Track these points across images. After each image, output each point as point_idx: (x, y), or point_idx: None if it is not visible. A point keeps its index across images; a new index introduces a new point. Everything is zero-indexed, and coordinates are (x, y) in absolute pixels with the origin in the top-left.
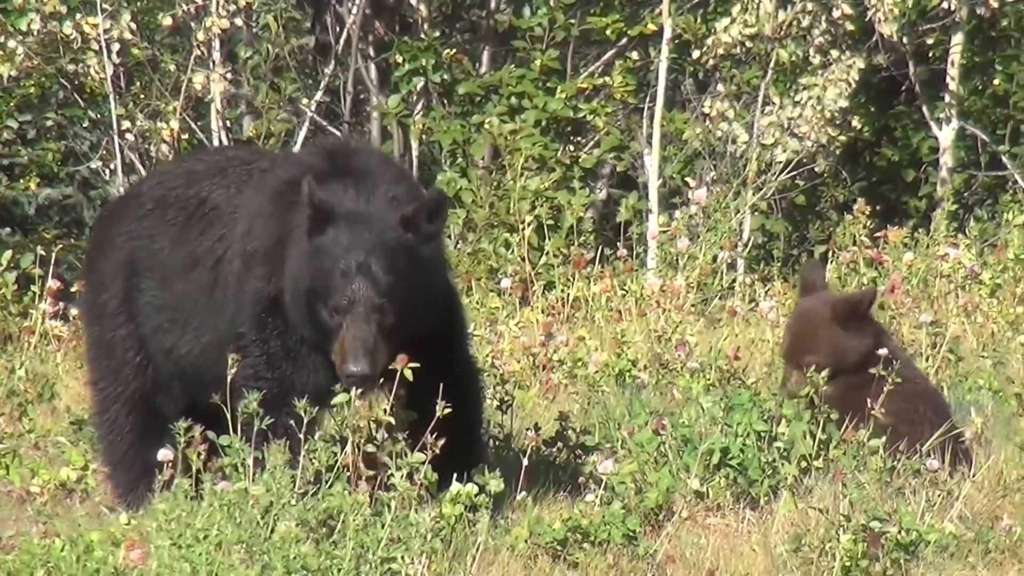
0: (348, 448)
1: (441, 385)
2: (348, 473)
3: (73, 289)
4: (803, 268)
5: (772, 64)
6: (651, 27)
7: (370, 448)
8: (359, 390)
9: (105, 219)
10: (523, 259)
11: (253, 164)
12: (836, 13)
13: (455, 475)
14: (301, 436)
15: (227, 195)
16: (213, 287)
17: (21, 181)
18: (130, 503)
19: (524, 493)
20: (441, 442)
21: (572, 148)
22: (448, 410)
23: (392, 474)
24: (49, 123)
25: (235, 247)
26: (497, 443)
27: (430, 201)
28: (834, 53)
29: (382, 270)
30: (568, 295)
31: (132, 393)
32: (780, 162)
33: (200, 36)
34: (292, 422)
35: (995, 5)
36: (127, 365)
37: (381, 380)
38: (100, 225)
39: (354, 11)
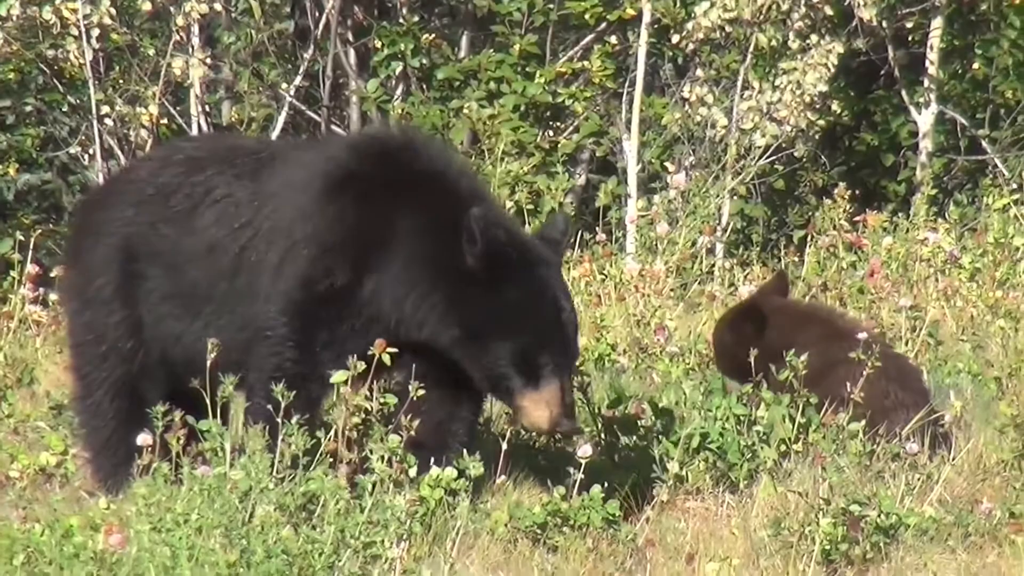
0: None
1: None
2: (328, 458)
3: (53, 274)
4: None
5: (751, 48)
6: (630, 12)
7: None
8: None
9: (94, 204)
10: None
11: (262, 153)
12: None
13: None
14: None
15: (241, 184)
16: (235, 274)
17: (0, 167)
18: (111, 488)
19: (504, 477)
20: (416, 423)
21: (551, 133)
22: (422, 392)
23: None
24: (28, 108)
25: (266, 236)
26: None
27: (567, 227)
28: (813, 37)
29: (578, 324)
30: None
31: (117, 379)
32: (759, 147)
33: (179, 21)
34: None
35: None
36: (116, 351)
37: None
38: (88, 210)
39: None
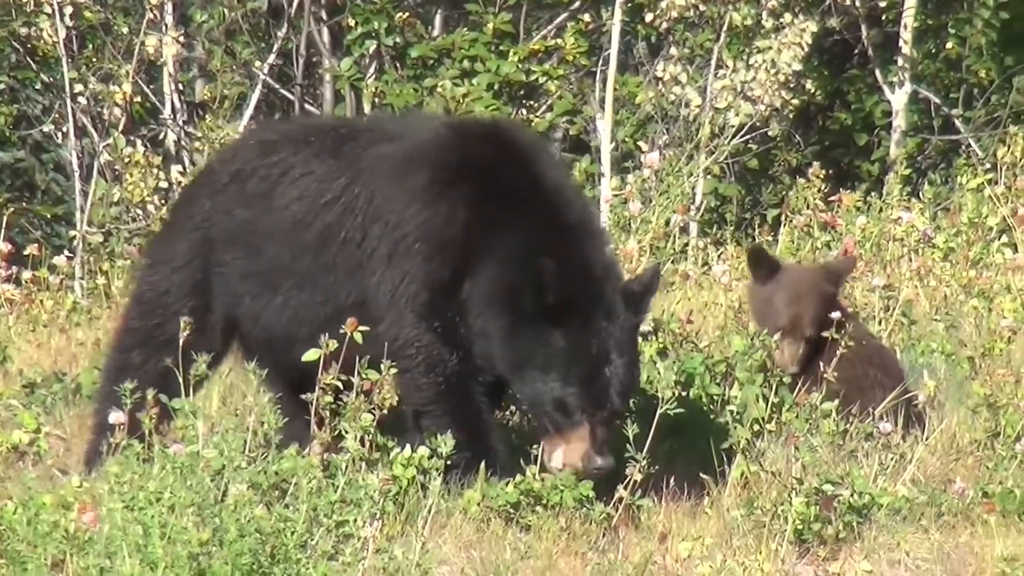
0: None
1: None
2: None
3: (26, 252)
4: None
5: (725, 27)
6: None
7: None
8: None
9: (178, 201)
10: None
11: (341, 130)
12: None
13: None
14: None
15: (320, 161)
16: (321, 249)
17: None
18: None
19: None
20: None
21: (525, 112)
22: (395, 370)
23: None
24: (1, 86)
25: (361, 215)
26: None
27: (653, 282)
28: (787, 16)
29: (633, 379)
30: None
31: (161, 367)
32: (733, 126)
33: None
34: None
35: None
36: (173, 341)
37: None
38: (173, 207)
39: None
